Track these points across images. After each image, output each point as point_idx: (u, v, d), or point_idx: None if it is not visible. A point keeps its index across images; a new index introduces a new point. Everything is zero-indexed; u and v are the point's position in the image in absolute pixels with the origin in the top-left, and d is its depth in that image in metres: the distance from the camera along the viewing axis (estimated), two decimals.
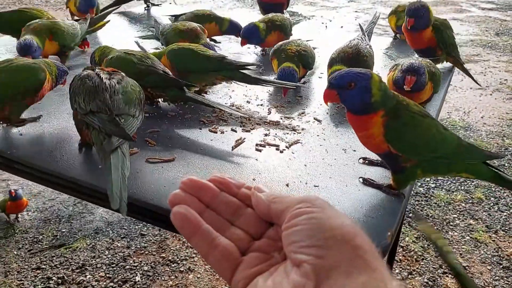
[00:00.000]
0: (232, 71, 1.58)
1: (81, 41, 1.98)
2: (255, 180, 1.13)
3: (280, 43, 1.83)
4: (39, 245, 2.65)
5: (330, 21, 7.20)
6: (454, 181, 3.36)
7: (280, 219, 0.56)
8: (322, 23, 7.11)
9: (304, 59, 1.75)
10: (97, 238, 2.72)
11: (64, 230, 2.78)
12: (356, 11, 7.87)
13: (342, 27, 6.91)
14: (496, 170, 1.14)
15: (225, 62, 1.57)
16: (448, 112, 4.46)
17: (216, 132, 1.37)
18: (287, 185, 1.12)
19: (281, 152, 1.28)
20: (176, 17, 2.35)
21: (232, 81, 1.64)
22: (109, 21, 2.22)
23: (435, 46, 1.90)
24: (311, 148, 1.31)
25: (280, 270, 0.52)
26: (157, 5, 2.94)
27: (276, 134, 1.39)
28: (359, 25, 1.97)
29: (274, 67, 1.76)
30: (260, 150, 1.29)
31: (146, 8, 2.87)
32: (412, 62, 1.50)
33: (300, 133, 1.40)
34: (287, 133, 1.40)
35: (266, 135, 1.38)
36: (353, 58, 1.62)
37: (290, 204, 0.55)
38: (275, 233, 0.58)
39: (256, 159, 1.24)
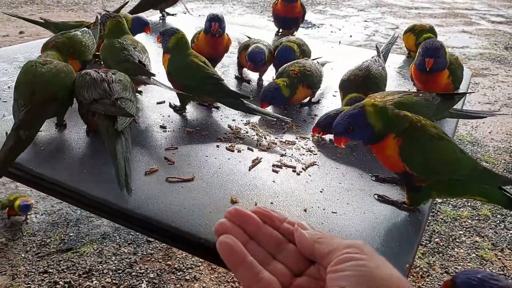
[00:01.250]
0: (224, 97, 1.59)
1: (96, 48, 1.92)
2: (273, 204, 1.14)
3: (285, 65, 1.80)
4: (47, 249, 2.66)
5: (340, 29, 7.22)
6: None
7: (324, 260, 0.57)
8: (332, 31, 7.13)
9: (308, 79, 1.72)
10: (104, 243, 2.74)
11: (71, 234, 2.79)
12: (365, 21, 7.88)
13: (351, 36, 6.94)
14: (510, 196, 1.15)
15: (220, 86, 1.58)
16: (457, 126, 4.46)
17: (233, 151, 1.39)
18: (305, 210, 1.13)
19: (298, 174, 1.29)
20: None
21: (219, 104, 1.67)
22: None
23: (449, 90, 1.70)
24: (328, 171, 1.32)
25: None
26: (172, 15, 2.97)
27: (292, 154, 1.40)
28: (376, 46, 1.95)
29: None
30: (276, 171, 1.30)
31: (162, 18, 2.89)
32: (427, 46, 1.60)
33: (316, 154, 1.41)
34: (303, 154, 1.41)
35: (282, 155, 1.39)
36: (363, 81, 1.61)
37: (337, 247, 0.56)
38: (317, 272, 0.59)
39: (273, 181, 1.25)
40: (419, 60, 1.65)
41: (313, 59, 1.96)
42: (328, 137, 1.53)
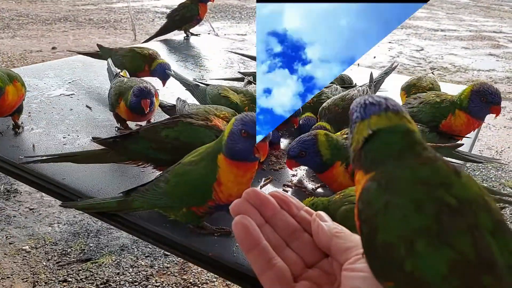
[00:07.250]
0: None
1: None
2: None
3: None
4: (67, 258, 2.74)
5: None
6: None
7: (341, 256, 0.55)
8: None
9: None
10: (122, 255, 2.80)
11: (91, 245, 2.87)
12: (390, 42, 7.89)
13: (374, 57, 6.95)
14: None
15: None
16: (480, 151, 4.39)
17: None
18: None
19: (308, 194, 1.32)
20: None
21: None
22: None
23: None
24: None
25: None
26: (196, 35, 3.08)
27: (303, 175, 1.43)
28: (371, 74, 1.85)
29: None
30: (287, 191, 1.33)
31: (186, 37, 3.01)
32: None
33: None
34: (314, 175, 1.44)
35: (293, 175, 1.42)
36: (341, 113, 1.54)
37: (356, 244, 0.54)
38: (329, 266, 0.57)
39: None
40: None
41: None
42: None
